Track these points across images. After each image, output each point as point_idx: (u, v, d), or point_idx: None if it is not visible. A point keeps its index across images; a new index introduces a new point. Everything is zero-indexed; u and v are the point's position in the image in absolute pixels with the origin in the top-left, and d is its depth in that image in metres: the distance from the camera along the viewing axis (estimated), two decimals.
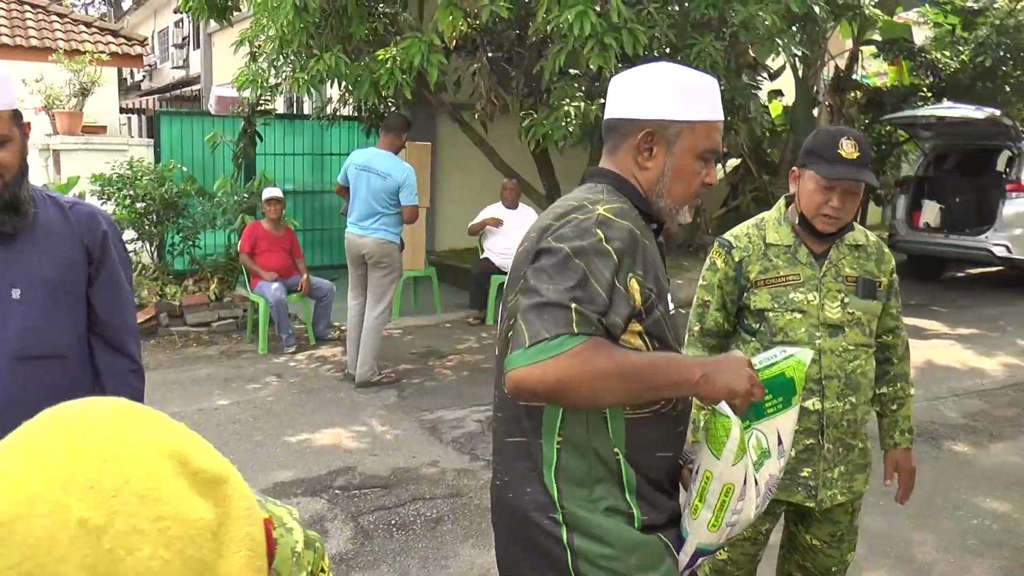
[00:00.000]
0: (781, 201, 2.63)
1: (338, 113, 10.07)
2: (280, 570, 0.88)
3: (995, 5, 13.36)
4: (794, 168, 2.55)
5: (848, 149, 2.39)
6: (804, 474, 2.54)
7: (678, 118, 1.75)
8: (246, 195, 9.07)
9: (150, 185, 8.37)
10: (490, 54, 9.19)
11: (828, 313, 2.49)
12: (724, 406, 1.64)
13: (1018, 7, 13.26)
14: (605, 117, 1.86)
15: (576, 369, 1.51)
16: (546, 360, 1.51)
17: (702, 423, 1.70)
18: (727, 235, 2.65)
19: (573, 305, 1.55)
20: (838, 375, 2.49)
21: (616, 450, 1.72)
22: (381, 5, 8.56)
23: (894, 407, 2.70)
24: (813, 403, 2.48)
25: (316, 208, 11.30)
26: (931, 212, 11.63)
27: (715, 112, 1.78)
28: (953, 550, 4.04)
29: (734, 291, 2.58)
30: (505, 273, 8.67)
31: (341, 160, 8.04)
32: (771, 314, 2.51)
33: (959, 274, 11.89)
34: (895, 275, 2.64)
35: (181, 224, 8.70)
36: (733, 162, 12.74)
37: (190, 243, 8.82)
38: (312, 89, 8.25)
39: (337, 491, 4.60)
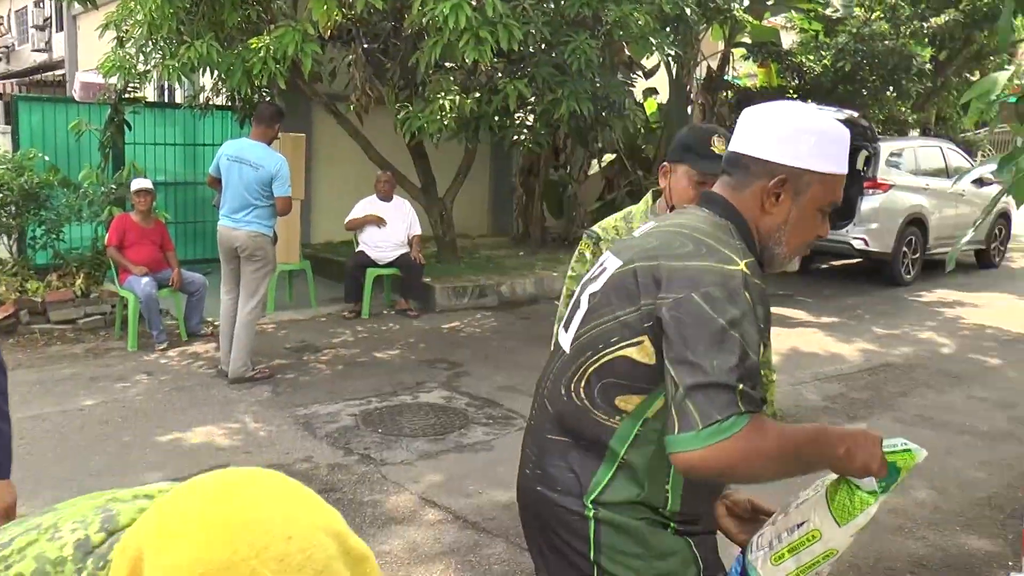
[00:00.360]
0: (648, 195, 2.71)
1: (211, 102, 9.81)
2: None
3: (853, 14, 14.07)
4: (665, 163, 2.62)
5: (720, 146, 2.50)
6: None
7: (813, 168, 1.69)
8: (114, 186, 8.73)
9: (7, 175, 7.97)
10: (365, 45, 9.13)
11: None
12: (871, 482, 1.65)
13: (872, 17, 14.03)
14: (732, 149, 1.79)
15: (742, 452, 1.51)
16: (718, 443, 1.50)
17: (822, 483, 1.72)
18: (595, 227, 2.71)
19: (739, 386, 1.52)
20: None
21: (667, 487, 1.73)
22: None
23: None
24: None
25: (188, 200, 10.96)
26: None
27: (844, 165, 1.72)
28: None
29: None
30: (380, 265, 8.75)
31: (214, 151, 7.84)
32: None
33: (823, 266, 12.48)
34: None
35: (43, 216, 8.30)
36: (609, 157, 13.02)
37: (53, 236, 8.43)
38: (183, 77, 8.03)
39: None
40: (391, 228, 8.89)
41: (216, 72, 8.29)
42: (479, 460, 5.01)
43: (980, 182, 11.72)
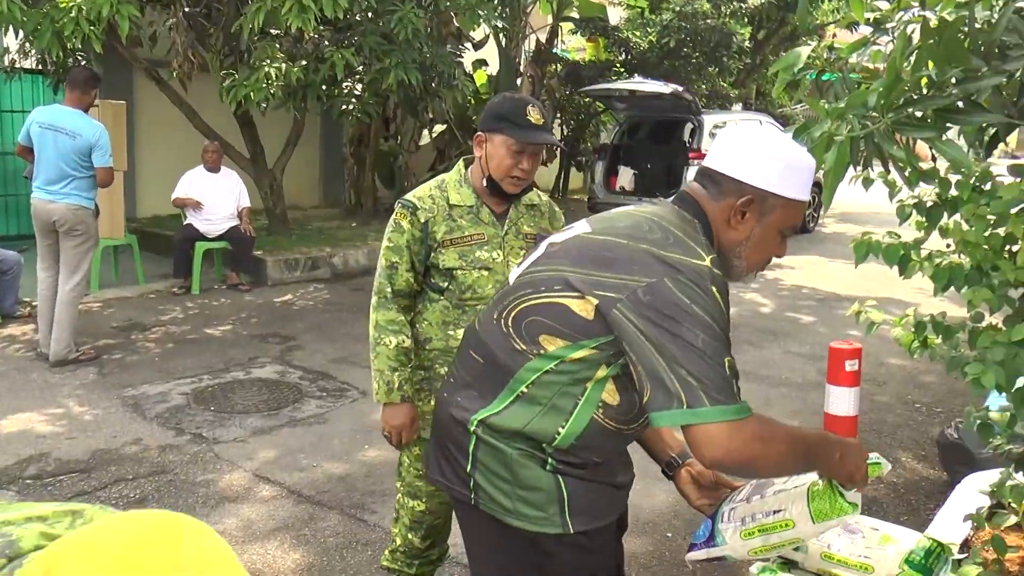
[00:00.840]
0: (460, 163, 2.75)
1: (18, 65, 9.17)
2: None
3: None
4: (480, 133, 2.67)
5: (536, 116, 2.57)
6: None
7: (779, 192, 1.80)
8: None
9: None
10: (187, 8, 8.76)
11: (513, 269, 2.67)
12: (856, 495, 1.80)
13: None
14: (707, 164, 1.89)
15: (765, 438, 1.66)
16: (741, 422, 1.62)
17: (803, 482, 1.80)
18: (409, 197, 2.71)
19: (734, 381, 1.66)
20: None
21: (563, 427, 1.81)
22: None
23: None
24: None
25: None
26: (626, 177, 12.70)
27: (807, 192, 1.85)
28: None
29: (421, 251, 2.66)
30: (209, 239, 8.49)
31: (23, 118, 7.36)
32: (459, 272, 2.63)
33: None
34: None
35: None
36: (439, 128, 13.05)
37: None
38: None
39: (28, 481, 4.28)
40: (219, 200, 8.61)
41: (21, 33, 7.75)
42: (313, 434, 4.99)
43: None
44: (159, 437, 4.86)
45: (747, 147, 1.84)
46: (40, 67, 9.21)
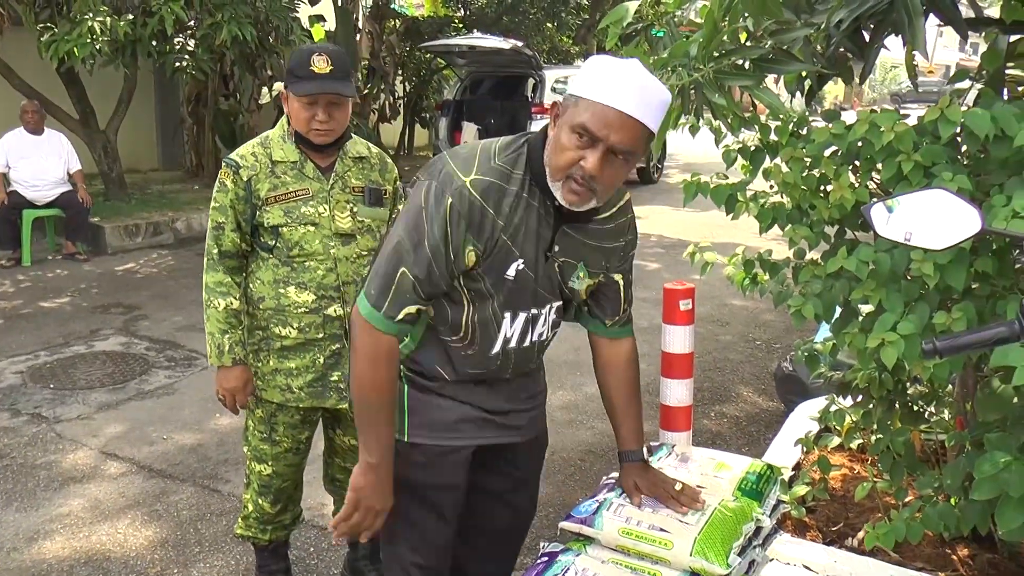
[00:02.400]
0: (284, 119, 2.70)
1: None
2: None
3: None
4: (283, 91, 2.64)
5: (320, 65, 2.51)
6: (334, 378, 2.70)
7: (574, 92, 1.72)
8: None
9: None
10: None
11: (339, 223, 2.63)
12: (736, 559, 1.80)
13: None
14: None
15: (366, 362, 1.88)
16: (367, 324, 1.84)
17: (699, 522, 1.85)
18: (233, 155, 2.66)
19: (397, 275, 1.81)
20: (355, 280, 2.65)
21: (408, 337, 1.93)
22: None
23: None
24: (335, 310, 2.64)
25: None
26: (470, 132, 12.68)
27: (602, 95, 1.68)
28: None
29: (246, 210, 2.62)
30: (39, 207, 8.00)
31: None
32: (285, 229, 2.60)
33: None
34: (399, 183, 2.84)
35: None
36: (279, 85, 12.64)
37: None
38: None
39: None
40: (46, 164, 8.09)
41: None
42: (162, 405, 4.84)
43: None
44: None
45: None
46: None
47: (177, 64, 8.73)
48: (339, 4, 12.15)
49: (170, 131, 12.81)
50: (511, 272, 1.85)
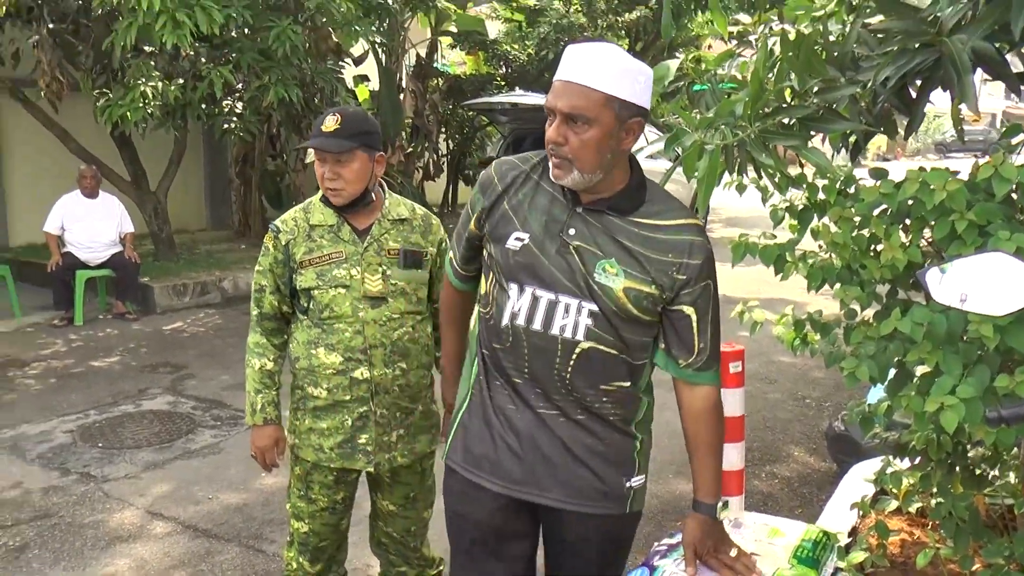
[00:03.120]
0: None
1: None
2: None
3: (553, 6, 14.84)
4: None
5: (328, 124, 2.55)
6: (361, 441, 2.68)
7: None
8: None
9: None
10: (52, 25, 8.43)
11: (369, 286, 2.64)
12: None
13: (571, 10, 14.91)
14: None
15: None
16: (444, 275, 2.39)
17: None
18: (277, 220, 2.72)
19: (456, 246, 2.25)
20: (383, 343, 2.64)
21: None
22: None
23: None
24: (361, 372, 2.63)
25: None
26: None
27: (557, 74, 1.89)
28: None
29: (284, 273, 2.67)
30: (91, 267, 8.17)
31: None
32: (317, 292, 2.63)
33: None
34: (444, 244, 2.81)
35: None
36: None
37: None
38: None
39: None
40: (100, 226, 8.29)
41: None
42: (208, 464, 4.85)
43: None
44: (41, 479, 4.65)
45: None
46: None
47: (225, 126, 8.93)
48: (383, 64, 12.39)
49: (218, 192, 13.07)
50: (512, 243, 1.99)
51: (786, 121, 1.86)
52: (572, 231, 1.94)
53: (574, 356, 1.95)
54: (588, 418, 2.00)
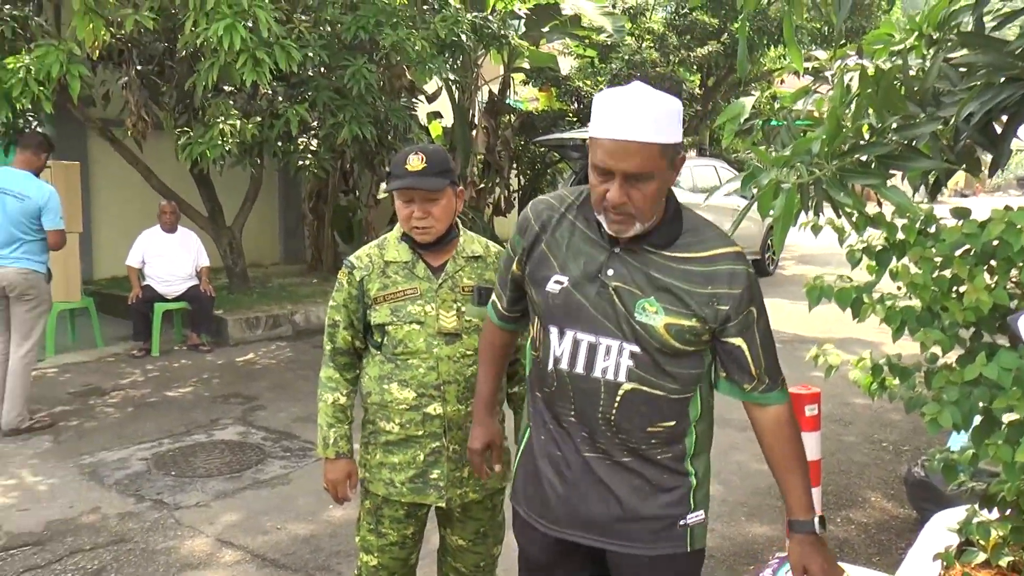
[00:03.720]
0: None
1: None
2: None
3: (625, 42, 14.89)
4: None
5: (414, 163, 2.55)
6: (434, 476, 2.67)
7: (590, 134, 1.88)
8: None
9: None
10: (139, 67, 8.74)
11: (443, 323, 2.63)
12: None
13: (643, 46, 14.92)
14: None
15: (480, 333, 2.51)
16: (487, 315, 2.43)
17: None
18: (352, 256, 2.74)
19: (497, 289, 2.34)
20: (456, 380, 2.63)
21: None
22: (7, 7, 7.83)
23: (523, 404, 2.91)
24: (434, 408, 2.63)
25: None
26: None
27: (605, 129, 1.82)
28: None
29: (358, 309, 2.68)
30: (169, 300, 8.39)
31: None
32: (391, 328, 2.63)
33: None
34: None
35: None
36: None
37: None
38: None
39: None
40: (178, 260, 8.52)
41: None
42: (277, 495, 4.90)
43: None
44: (118, 504, 4.74)
45: None
46: None
47: (300, 163, 9.13)
48: (456, 101, 12.54)
49: (292, 226, 13.34)
50: (552, 287, 1.99)
51: (864, 159, 1.82)
52: (611, 272, 1.94)
53: (618, 398, 1.96)
54: (635, 460, 2.01)
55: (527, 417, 2.20)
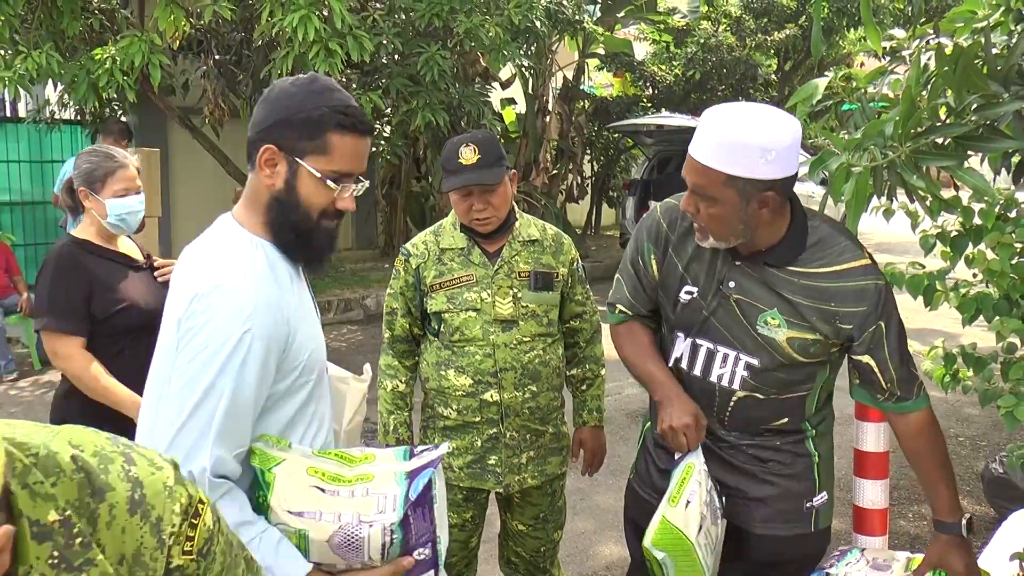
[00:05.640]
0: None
1: (57, 116, 9.39)
2: (153, 503, 1.01)
3: (701, 26, 14.65)
4: None
5: (467, 156, 2.51)
6: (491, 462, 2.67)
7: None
8: None
9: None
10: (217, 56, 8.92)
11: (499, 309, 2.61)
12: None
13: (720, 29, 14.66)
14: None
15: (621, 339, 2.29)
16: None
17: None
18: (407, 244, 2.74)
19: (618, 291, 2.28)
20: (513, 367, 2.61)
21: None
22: (96, 0, 8.07)
23: (583, 387, 2.87)
24: (491, 395, 2.61)
25: (36, 220, 10.39)
26: None
27: (693, 141, 1.92)
28: None
29: (415, 297, 2.67)
30: None
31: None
32: (447, 315, 2.62)
33: None
34: (576, 264, 2.78)
35: None
36: None
37: None
38: (21, 89, 7.64)
39: None
40: None
41: (60, 85, 7.95)
42: None
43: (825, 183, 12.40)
44: None
45: None
46: (79, 117, 9.41)
47: (373, 149, 9.21)
48: (529, 87, 12.51)
49: (364, 212, 13.48)
50: (683, 296, 2.04)
51: (940, 141, 1.75)
52: (732, 284, 1.96)
53: (731, 404, 2.03)
54: (755, 447, 2.07)
55: (651, 407, 2.26)
